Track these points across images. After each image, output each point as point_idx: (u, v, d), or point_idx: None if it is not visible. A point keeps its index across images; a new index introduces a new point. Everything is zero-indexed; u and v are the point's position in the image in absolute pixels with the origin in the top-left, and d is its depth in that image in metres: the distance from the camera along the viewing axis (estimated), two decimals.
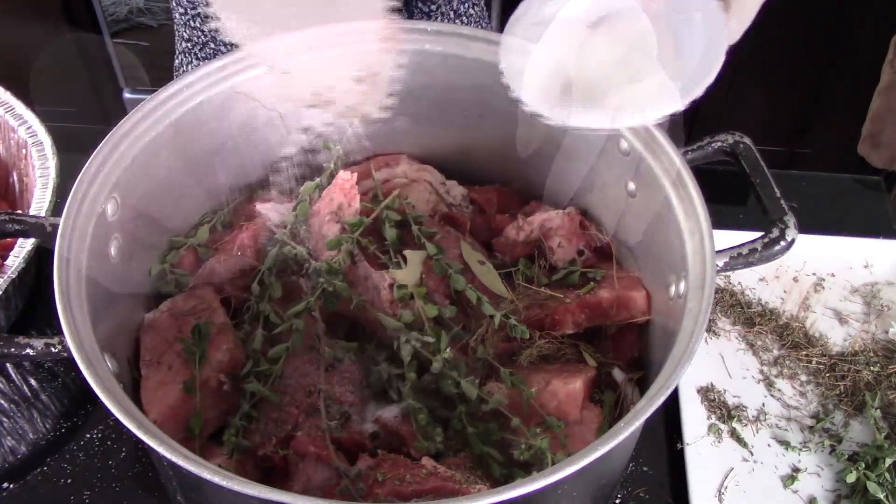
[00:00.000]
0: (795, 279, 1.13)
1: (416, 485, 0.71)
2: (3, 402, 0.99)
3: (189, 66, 1.28)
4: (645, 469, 0.95)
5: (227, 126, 0.91)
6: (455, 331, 0.84)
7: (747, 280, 1.13)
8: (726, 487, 0.93)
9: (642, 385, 0.85)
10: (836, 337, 1.07)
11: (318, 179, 0.95)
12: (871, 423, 0.96)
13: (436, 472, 0.72)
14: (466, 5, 1.26)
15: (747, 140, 0.86)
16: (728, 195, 1.23)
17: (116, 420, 0.64)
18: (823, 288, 1.12)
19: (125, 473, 0.93)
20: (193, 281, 0.90)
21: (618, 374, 0.85)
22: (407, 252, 0.87)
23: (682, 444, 0.96)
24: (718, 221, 0.80)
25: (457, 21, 1.26)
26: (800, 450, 0.96)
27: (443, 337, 0.81)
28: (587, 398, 0.82)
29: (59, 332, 0.69)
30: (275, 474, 0.78)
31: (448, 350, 0.80)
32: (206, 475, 0.60)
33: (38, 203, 1.01)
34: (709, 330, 1.07)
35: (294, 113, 0.96)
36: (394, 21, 0.94)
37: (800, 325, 1.07)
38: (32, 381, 1.01)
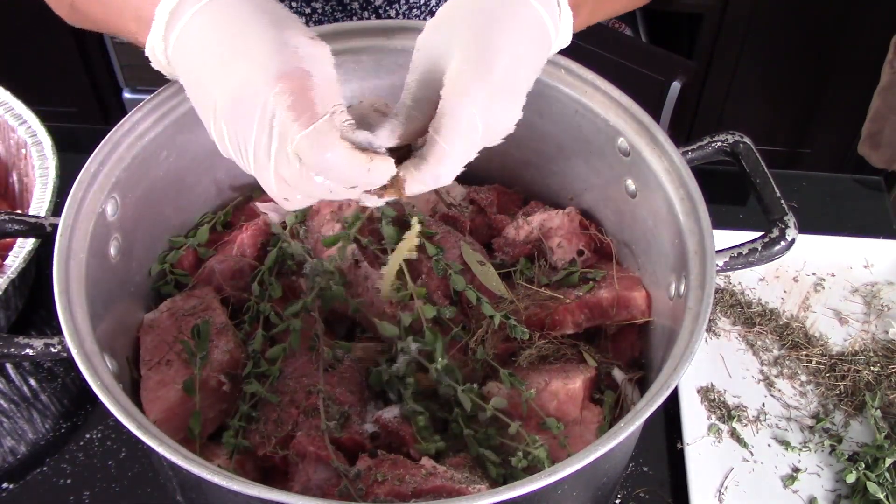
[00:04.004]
0: (795, 279, 1.13)
1: (415, 485, 0.71)
2: (3, 402, 0.99)
3: None
4: (645, 469, 0.95)
5: None
6: (455, 331, 0.84)
7: (747, 280, 1.13)
8: (726, 487, 0.93)
9: (642, 385, 0.85)
10: (836, 337, 1.07)
11: None
12: (871, 423, 0.96)
13: (436, 473, 0.72)
14: None
15: (747, 140, 0.86)
16: (728, 195, 1.23)
17: (116, 420, 0.64)
18: (823, 288, 1.12)
19: (125, 473, 0.93)
20: (193, 281, 0.90)
21: (618, 374, 0.85)
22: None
23: (682, 444, 0.96)
24: (718, 221, 0.80)
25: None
26: (800, 450, 0.96)
27: (439, 344, 0.80)
28: (587, 398, 0.82)
29: (59, 332, 0.69)
30: (275, 474, 0.78)
31: (444, 359, 0.80)
32: (206, 475, 0.60)
33: (38, 203, 1.01)
34: (709, 330, 1.07)
35: None
36: (394, 21, 0.94)
37: (800, 325, 1.07)
38: (32, 382, 1.01)
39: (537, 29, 0.68)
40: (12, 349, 0.71)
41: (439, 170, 0.65)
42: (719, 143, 0.86)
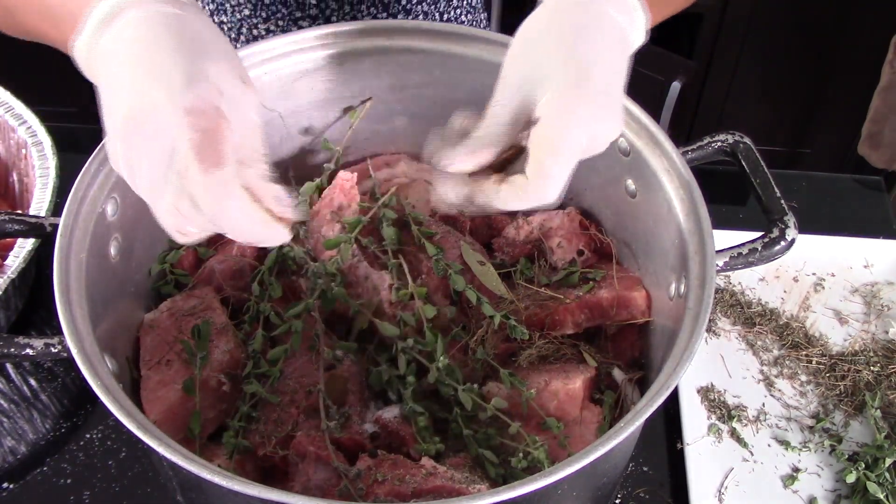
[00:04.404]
0: (795, 279, 1.13)
1: (415, 485, 0.71)
2: (3, 402, 0.99)
3: None
4: (645, 469, 0.95)
5: None
6: (455, 331, 0.84)
7: (747, 280, 1.13)
8: (726, 487, 0.93)
9: (642, 385, 0.85)
10: (836, 337, 1.07)
11: (318, 179, 0.95)
12: (871, 423, 0.96)
13: (436, 472, 0.72)
14: (458, 11, 1.26)
15: (747, 140, 0.86)
16: (728, 195, 1.23)
17: (116, 420, 0.64)
18: (823, 288, 1.12)
19: (125, 473, 0.93)
20: (193, 281, 0.90)
21: (618, 374, 0.85)
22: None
23: (682, 444, 0.96)
24: (718, 221, 0.80)
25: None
26: (800, 450, 0.96)
27: (439, 343, 0.80)
28: (587, 398, 0.82)
29: (59, 332, 0.69)
30: (275, 474, 0.78)
31: (444, 357, 0.80)
32: (206, 475, 0.60)
33: (38, 203, 1.01)
34: (709, 330, 1.07)
35: (294, 113, 0.96)
36: (394, 21, 0.94)
37: (800, 325, 1.07)
38: (32, 381, 1.01)
39: (619, 36, 0.68)
40: (12, 349, 0.71)
41: (546, 192, 0.64)
42: (719, 143, 0.86)
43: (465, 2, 1.26)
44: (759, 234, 0.80)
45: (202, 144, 0.58)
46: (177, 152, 0.58)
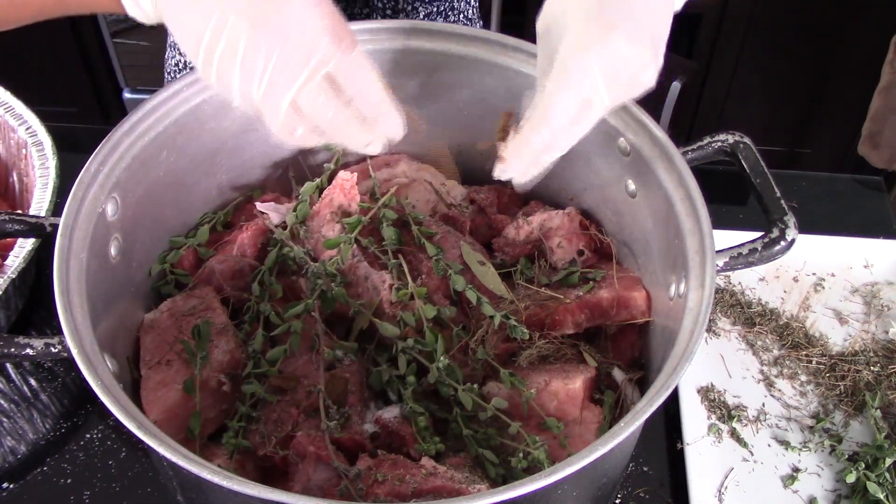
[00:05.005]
0: (795, 279, 1.13)
1: (415, 485, 0.71)
2: (3, 402, 0.99)
3: (174, 59, 1.29)
4: (645, 469, 0.95)
5: (227, 126, 0.91)
6: (455, 331, 0.84)
7: (747, 280, 1.13)
8: (726, 487, 0.93)
9: (642, 385, 0.85)
10: (836, 337, 1.07)
11: (318, 179, 0.95)
12: (871, 423, 0.96)
13: (436, 472, 0.72)
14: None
15: (747, 140, 0.86)
16: (728, 195, 1.23)
17: (116, 420, 0.64)
18: (823, 288, 1.12)
19: (125, 473, 0.93)
20: (193, 281, 0.90)
21: (618, 374, 0.85)
22: None
23: (682, 444, 0.96)
24: (718, 221, 0.81)
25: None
26: (800, 450, 0.96)
27: (439, 343, 0.81)
28: (587, 398, 0.82)
29: (59, 332, 0.69)
30: (275, 474, 0.78)
31: (444, 357, 0.80)
32: (206, 475, 0.60)
33: (38, 203, 1.01)
34: (709, 330, 1.07)
35: None
36: (393, 21, 0.94)
37: (800, 325, 1.07)
38: (32, 381, 1.01)
39: None
40: (12, 349, 0.71)
41: (548, 112, 0.66)
42: (719, 143, 0.86)
43: (462, 16, 1.26)
44: (759, 234, 0.80)
45: (336, 29, 0.62)
46: (311, 37, 0.61)
